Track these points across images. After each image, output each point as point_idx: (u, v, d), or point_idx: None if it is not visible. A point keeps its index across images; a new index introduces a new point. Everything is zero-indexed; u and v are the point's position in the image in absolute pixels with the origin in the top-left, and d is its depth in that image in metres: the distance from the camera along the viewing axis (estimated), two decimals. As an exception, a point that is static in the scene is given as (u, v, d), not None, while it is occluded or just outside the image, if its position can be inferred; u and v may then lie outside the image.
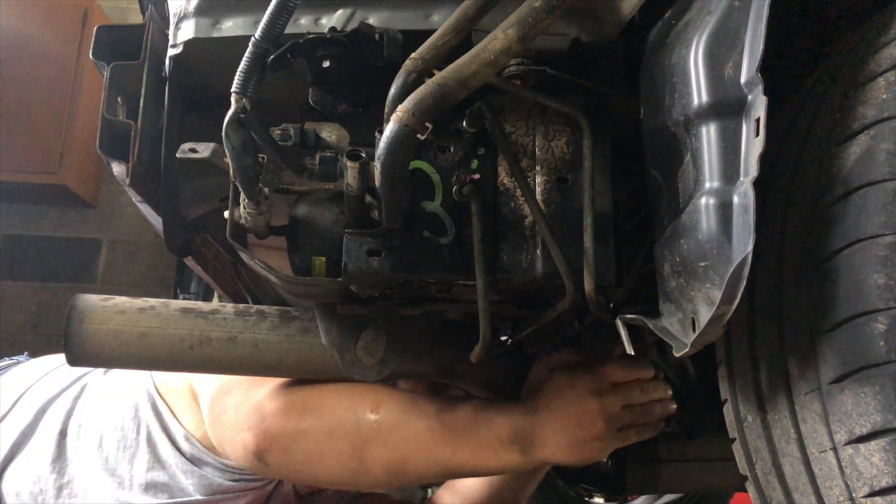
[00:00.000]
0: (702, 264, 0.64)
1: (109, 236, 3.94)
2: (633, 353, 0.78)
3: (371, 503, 1.44)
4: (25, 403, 1.28)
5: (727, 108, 0.63)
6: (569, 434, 0.93)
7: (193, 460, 1.16)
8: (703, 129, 0.65)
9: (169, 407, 1.21)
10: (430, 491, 1.60)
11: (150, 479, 1.17)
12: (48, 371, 1.36)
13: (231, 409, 1.03)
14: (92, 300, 0.96)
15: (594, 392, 0.94)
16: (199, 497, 1.17)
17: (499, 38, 0.69)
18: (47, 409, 1.26)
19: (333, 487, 1.13)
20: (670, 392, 0.99)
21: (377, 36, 0.79)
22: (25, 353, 1.60)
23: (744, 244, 0.58)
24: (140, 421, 1.20)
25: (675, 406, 1.00)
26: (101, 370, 1.32)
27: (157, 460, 1.18)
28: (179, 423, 1.19)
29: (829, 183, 0.63)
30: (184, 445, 1.17)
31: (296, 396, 0.98)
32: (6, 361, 1.51)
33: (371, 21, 0.82)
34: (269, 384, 1.01)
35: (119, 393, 1.26)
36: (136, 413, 1.21)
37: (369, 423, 0.96)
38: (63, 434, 1.22)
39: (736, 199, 0.61)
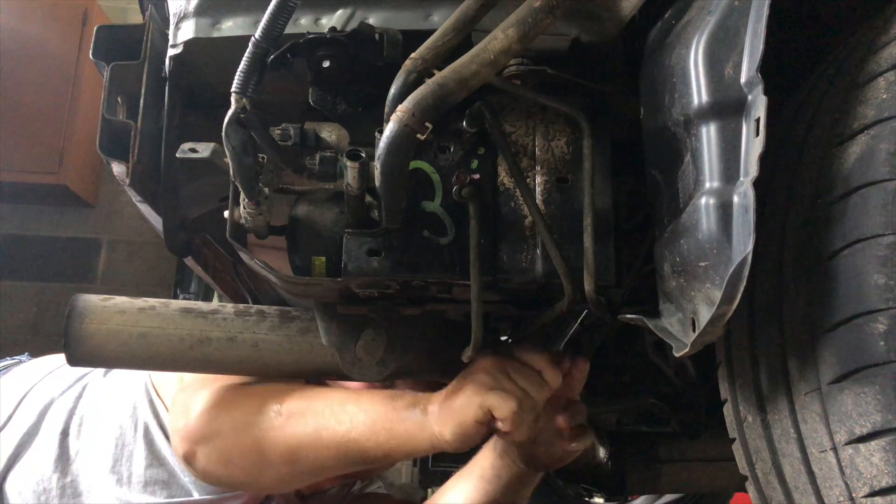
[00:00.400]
0: (702, 264, 0.64)
1: (109, 236, 3.94)
2: (559, 349, 0.77)
3: (371, 503, 1.44)
4: (28, 404, 1.28)
5: (727, 108, 0.64)
6: (454, 385, 0.93)
7: None
8: (703, 129, 0.65)
9: (165, 405, 1.21)
10: (430, 491, 1.60)
11: (149, 476, 1.17)
12: (50, 371, 1.36)
13: (173, 412, 1.05)
14: (92, 300, 0.96)
15: (492, 361, 0.93)
16: (197, 496, 1.17)
17: (499, 38, 0.69)
18: (49, 409, 1.26)
19: (245, 490, 1.13)
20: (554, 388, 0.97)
21: (377, 36, 0.79)
22: (27, 353, 1.60)
23: (744, 244, 0.58)
24: (138, 419, 1.21)
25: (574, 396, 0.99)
26: (101, 369, 1.32)
27: (155, 457, 1.18)
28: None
29: (829, 183, 0.63)
30: None
31: (216, 398, 1.00)
32: (7, 361, 1.51)
33: (371, 21, 0.82)
34: (203, 391, 1.02)
35: (119, 391, 1.26)
36: (134, 411, 1.21)
37: (272, 414, 0.96)
38: (65, 433, 1.23)
39: (736, 199, 0.61)
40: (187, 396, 1.04)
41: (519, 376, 0.92)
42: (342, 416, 0.95)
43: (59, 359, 1.40)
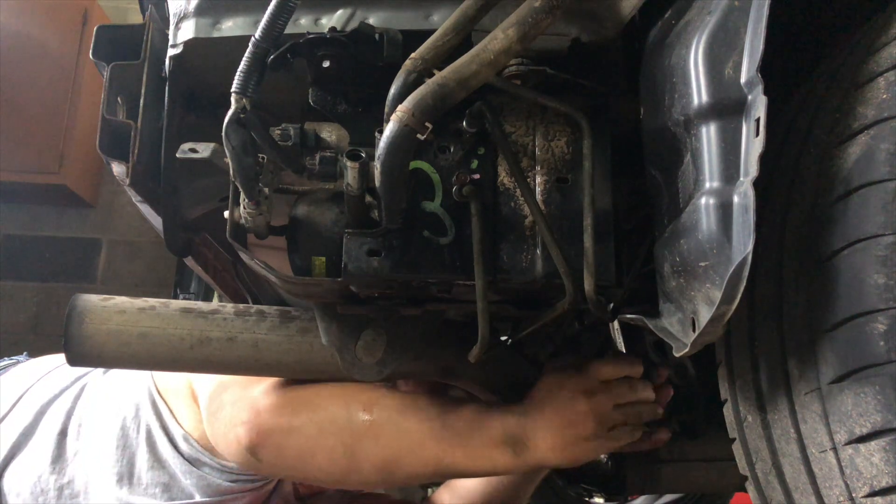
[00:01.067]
0: (702, 264, 0.64)
1: (109, 236, 3.94)
2: (623, 351, 0.78)
3: (371, 503, 1.44)
4: (26, 403, 1.28)
5: (727, 108, 0.64)
6: (560, 435, 0.93)
7: (192, 461, 1.16)
8: (703, 129, 0.65)
9: (168, 407, 1.21)
10: (429, 490, 1.60)
11: (150, 479, 1.17)
12: (48, 371, 1.36)
13: (227, 406, 1.03)
14: (92, 300, 0.96)
15: (584, 392, 0.94)
16: (199, 498, 1.17)
17: (499, 38, 0.69)
18: (47, 410, 1.26)
19: (324, 485, 1.13)
20: (654, 395, 0.99)
21: (377, 36, 0.79)
22: (25, 353, 1.60)
23: (744, 244, 0.58)
24: (140, 421, 1.20)
25: (661, 410, 0.99)
26: (101, 370, 1.32)
27: (156, 460, 1.18)
28: (178, 423, 1.19)
29: (829, 183, 0.63)
30: (182, 446, 1.17)
31: (291, 393, 0.99)
32: (6, 361, 1.51)
33: (371, 21, 0.82)
34: (266, 381, 1.02)
35: (119, 393, 1.26)
36: (136, 413, 1.21)
37: (361, 421, 0.96)
38: (63, 434, 1.22)
39: (736, 199, 0.61)
40: (245, 388, 1.02)
41: (608, 398, 0.94)
42: (439, 441, 0.95)
43: (58, 359, 1.40)
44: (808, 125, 0.69)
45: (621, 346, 0.82)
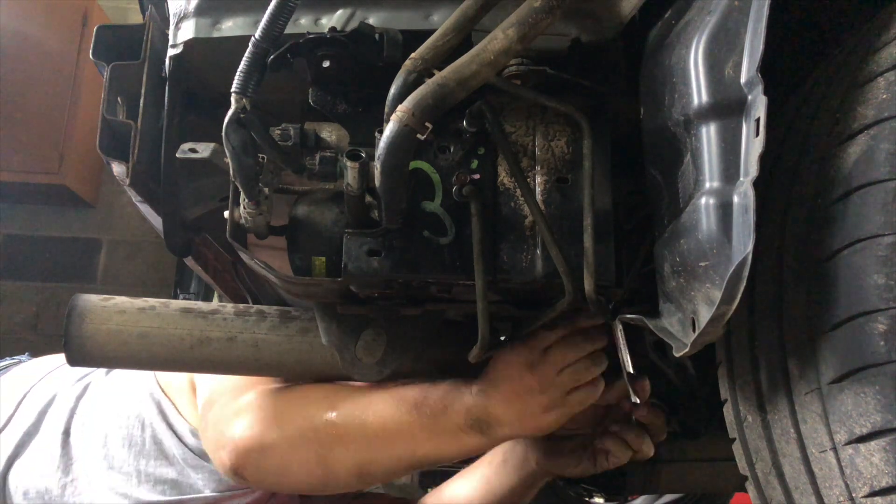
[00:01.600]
0: (702, 264, 0.64)
1: (109, 236, 3.94)
2: (631, 371, 0.78)
3: (370, 503, 1.44)
4: (28, 404, 1.28)
5: (727, 108, 0.63)
6: (517, 409, 0.94)
7: (201, 454, 1.17)
8: (703, 129, 0.65)
9: (173, 403, 1.21)
10: (429, 490, 1.60)
11: (158, 475, 1.17)
12: (50, 370, 1.37)
13: (211, 427, 1.04)
14: (92, 300, 0.96)
15: (527, 364, 0.94)
16: (208, 493, 1.17)
17: (499, 38, 0.69)
18: (49, 409, 1.26)
19: (309, 494, 1.14)
20: (596, 345, 0.97)
21: (377, 36, 0.79)
22: (27, 353, 1.60)
23: (744, 244, 0.58)
24: (144, 418, 1.21)
25: (604, 360, 0.98)
26: (103, 369, 1.32)
27: (164, 457, 1.18)
28: (184, 418, 1.19)
29: (829, 183, 0.63)
30: (191, 441, 1.18)
31: (262, 411, 0.99)
32: (7, 361, 1.51)
33: (371, 21, 0.82)
34: (242, 398, 1.02)
35: (123, 391, 1.26)
36: (140, 411, 1.22)
37: (326, 425, 0.96)
38: (67, 433, 1.23)
39: (736, 199, 0.61)
40: (224, 407, 1.03)
41: (551, 364, 0.94)
42: (406, 438, 0.96)
43: (59, 359, 1.40)
44: (808, 125, 0.69)
45: (628, 365, 0.82)
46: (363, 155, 0.73)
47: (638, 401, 0.97)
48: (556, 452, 1.14)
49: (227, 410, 1.02)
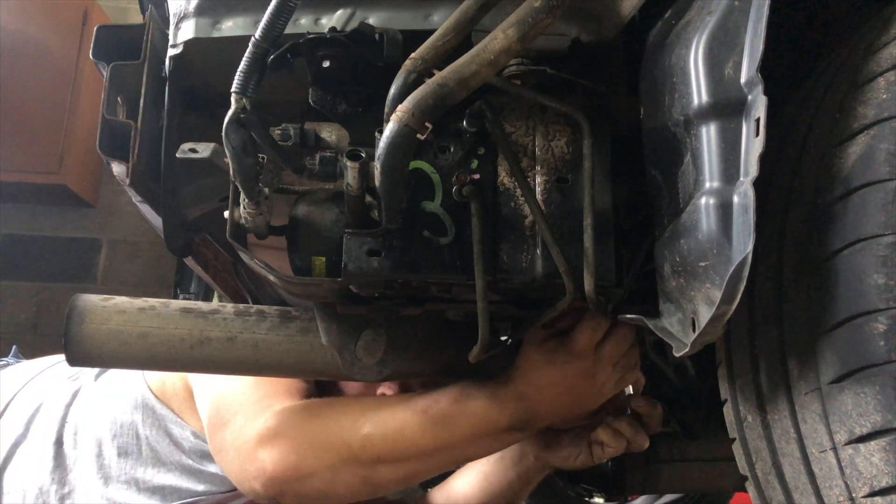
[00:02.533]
0: (702, 264, 0.64)
1: (109, 236, 3.94)
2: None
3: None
4: (14, 411, 1.27)
5: (727, 108, 0.64)
6: (566, 404, 0.97)
7: (201, 457, 1.16)
8: (703, 129, 0.65)
9: (170, 409, 1.21)
10: (429, 492, 1.60)
11: (156, 483, 1.17)
12: (33, 376, 1.34)
13: (232, 452, 1.01)
14: (92, 300, 0.96)
15: (570, 357, 0.95)
16: (215, 489, 1.17)
17: (499, 38, 0.69)
18: (36, 417, 1.25)
19: None
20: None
21: (377, 36, 0.79)
22: (14, 347, 1.58)
23: (744, 244, 0.58)
24: (138, 428, 1.20)
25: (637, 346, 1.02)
26: (92, 374, 1.31)
27: (161, 463, 1.18)
28: (184, 421, 1.19)
29: (829, 183, 0.63)
30: (190, 444, 1.17)
31: (290, 439, 0.97)
32: None
33: (371, 21, 0.82)
34: (264, 419, 0.99)
35: (113, 398, 1.25)
36: (133, 419, 1.21)
37: (364, 445, 0.95)
38: (59, 443, 1.22)
39: (736, 199, 0.61)
40: (243, 430, 1.00)
41: (597, 361, 0.96)
42: (448, 451, 0.97)
43: (43, 362, 1.39)
44: (808, 125, 0.69)
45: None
46: (363, 155, 0.73)
47: (632, 391, 0.97)
48: (554, 445, 1.15)
49: (249, 433, 0.99)
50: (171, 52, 0.87)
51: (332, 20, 0.83)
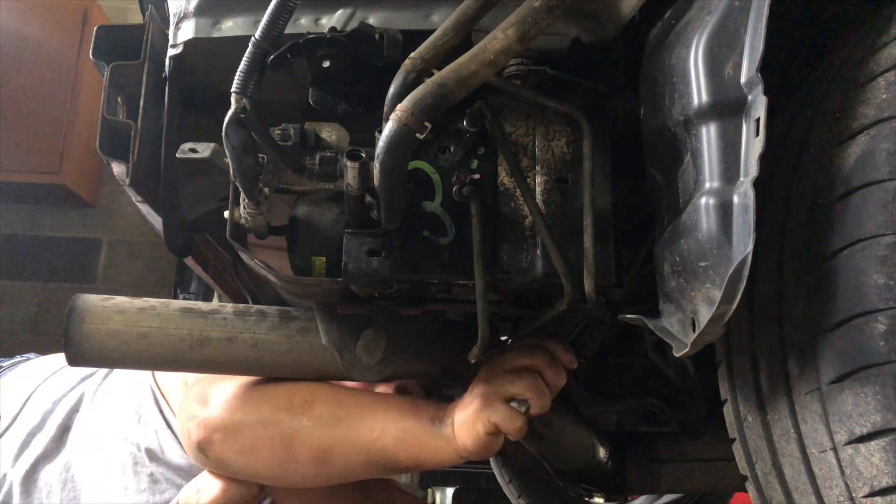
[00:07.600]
0: (702, 264, 0.64)
1: (109, 236, 3.94)
2: None
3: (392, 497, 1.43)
4: (33, 406, 1.28)
5: (727, 108, 0.63)
6: (463, 407, 0.95)
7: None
8: (703, 129, 0.65)
9: (171, 407, 1.21)
10: (429, 491, 1.60)
11: (160, 475, 1.18)
12: (54, 371, 1.36)
13: (187, 401, 1.05)
14: (92, 300, 0.96)
15: (486, 378, 0.95)
16: None
17: (498, 38, 0.69)
18: (53, 412, 1.26)
19: (264, 482, 1.13)
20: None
21: (377, 36, 0.79)
22: (34, 353, 1.60)
23: (744, 244, 0.58)
24: (146, 421, 1.21)
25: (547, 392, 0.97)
26: (102, 371, 1.32)
27: (164, 458, 1.18)
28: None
29: (829, 183, 0.63)
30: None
31: (239, 391, 1.01)
32: (9, 361, 1.51)
33: (371, 21, 0.82)
34: (224, 380, 1.03)
35: (122, 393, 1.26)
36: (139, 413, 1.22)
37: (302, 411, 0.97)
38: (66, 429, 1.23)
39: (736, 199, 0.61)
40: (203, 387, 1.04)
41: (519, 383, 0.93)
42: (372, 424, 0.97)
43: (63, 359, 1.40)
44: (808, 125, 0.69)
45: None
46: (363, 155, 0.73)
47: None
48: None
49: (206, 389, 1.03)
50: (171, 52, 0.87)
51: (332, 20, 0.83)
